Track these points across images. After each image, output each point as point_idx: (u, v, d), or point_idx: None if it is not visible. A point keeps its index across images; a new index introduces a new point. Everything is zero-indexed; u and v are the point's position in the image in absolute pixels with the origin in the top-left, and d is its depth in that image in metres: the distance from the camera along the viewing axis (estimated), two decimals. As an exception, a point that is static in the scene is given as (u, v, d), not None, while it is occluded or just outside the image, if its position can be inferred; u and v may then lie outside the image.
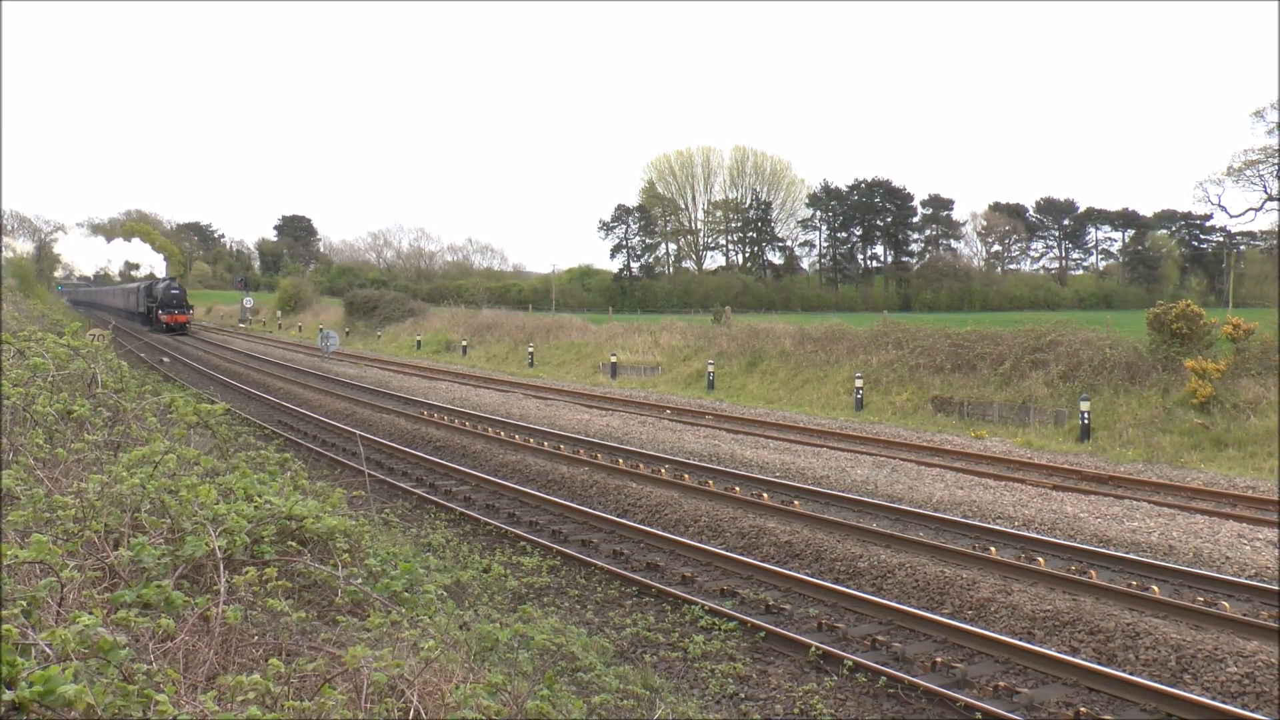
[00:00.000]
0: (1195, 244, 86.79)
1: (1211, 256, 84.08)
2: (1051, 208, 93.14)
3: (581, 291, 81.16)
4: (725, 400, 26.68)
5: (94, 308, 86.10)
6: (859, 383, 24.70)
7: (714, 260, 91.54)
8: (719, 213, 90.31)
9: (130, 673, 3.17)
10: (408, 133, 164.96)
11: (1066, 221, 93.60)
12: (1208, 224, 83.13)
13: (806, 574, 9.61)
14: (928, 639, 7.95)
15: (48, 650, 3.18)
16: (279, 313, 69.05)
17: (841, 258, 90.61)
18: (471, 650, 4.88)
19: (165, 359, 36.68)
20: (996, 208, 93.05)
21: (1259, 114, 51.25)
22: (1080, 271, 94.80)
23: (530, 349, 38.17)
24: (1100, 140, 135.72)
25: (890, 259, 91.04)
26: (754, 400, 26.65)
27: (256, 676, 3.41)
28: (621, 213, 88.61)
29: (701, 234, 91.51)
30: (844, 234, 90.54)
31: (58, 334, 10.25)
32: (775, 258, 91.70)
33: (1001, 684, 6.94)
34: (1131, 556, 10.14)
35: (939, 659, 7.36)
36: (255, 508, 5.41)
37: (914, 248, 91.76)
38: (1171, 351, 21.17)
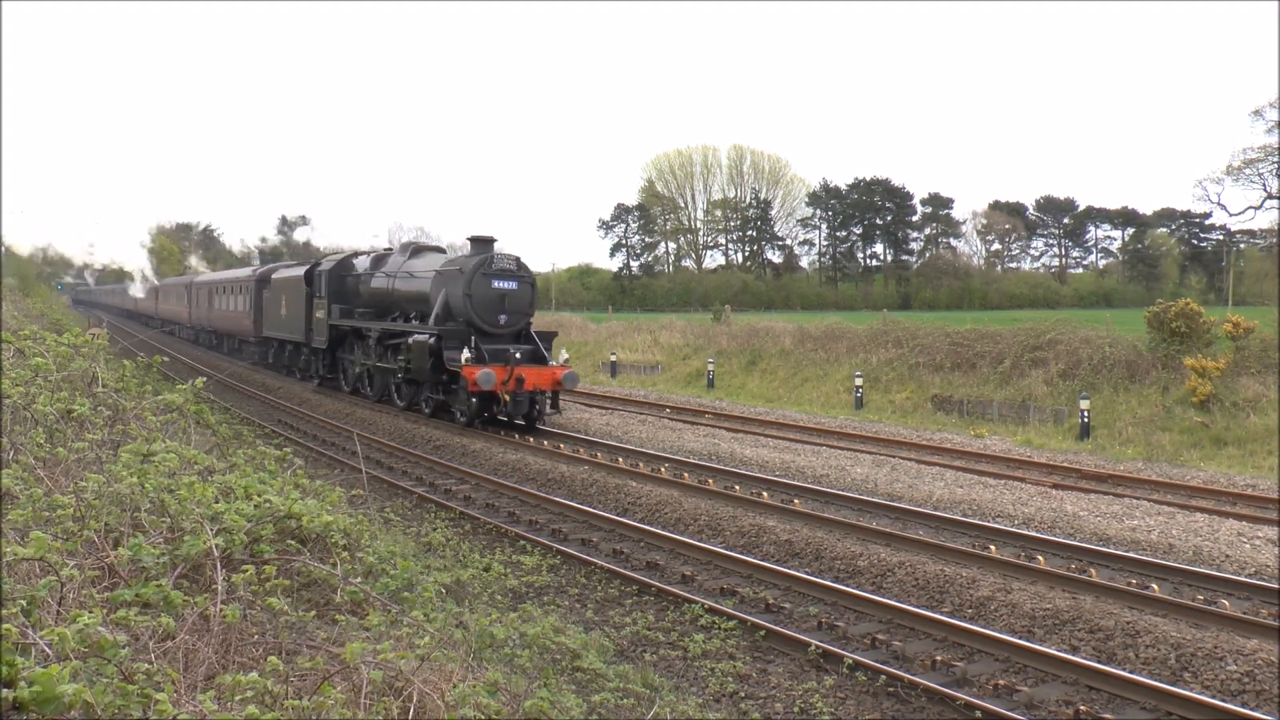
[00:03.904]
0: (1195, 242, 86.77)
1: (1211, 255, 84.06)
2: (1051, 206, 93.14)
3: (581, 290, 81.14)
4: (725, 399, 26.68)
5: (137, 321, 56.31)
6: (859, 381, 24.69)
7: (713, 259, 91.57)
8: (718, 211, 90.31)
9: (130, 672, 3.17)
10: (407, 132, 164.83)
11: (1066, 220, 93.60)
12: (1207, 222, 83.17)
13: (806, 573, 9.60)
14: (927, 637, 7.94)
15: (47, 649, 3.18)
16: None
17: (841, 256, 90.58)
18: (470, 649, 4.88)
19: (164, 358, 36.63)
20: (996, 206, 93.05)
21: (1258, 113, 51.26)
22: (1080, 270, 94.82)
23: (530, 348, 38.12)
24: (1100, 139, 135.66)
25: (890, 257, 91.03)
26: (754, 399, 26.64)
27: (255, 675, 3.41)
28: (621, 212, 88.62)
29: (701, 233, 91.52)
30: (843, 232, 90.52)
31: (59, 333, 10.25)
32: (775, 256, 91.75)
33: (1001, 682, 6.94)
34: (1131, 555, 10.14)
35: (939, 657, 7.36)
36: (255, 506, 5.42)
37: (914, 246, 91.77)
38: (1171, 350, 21.18)
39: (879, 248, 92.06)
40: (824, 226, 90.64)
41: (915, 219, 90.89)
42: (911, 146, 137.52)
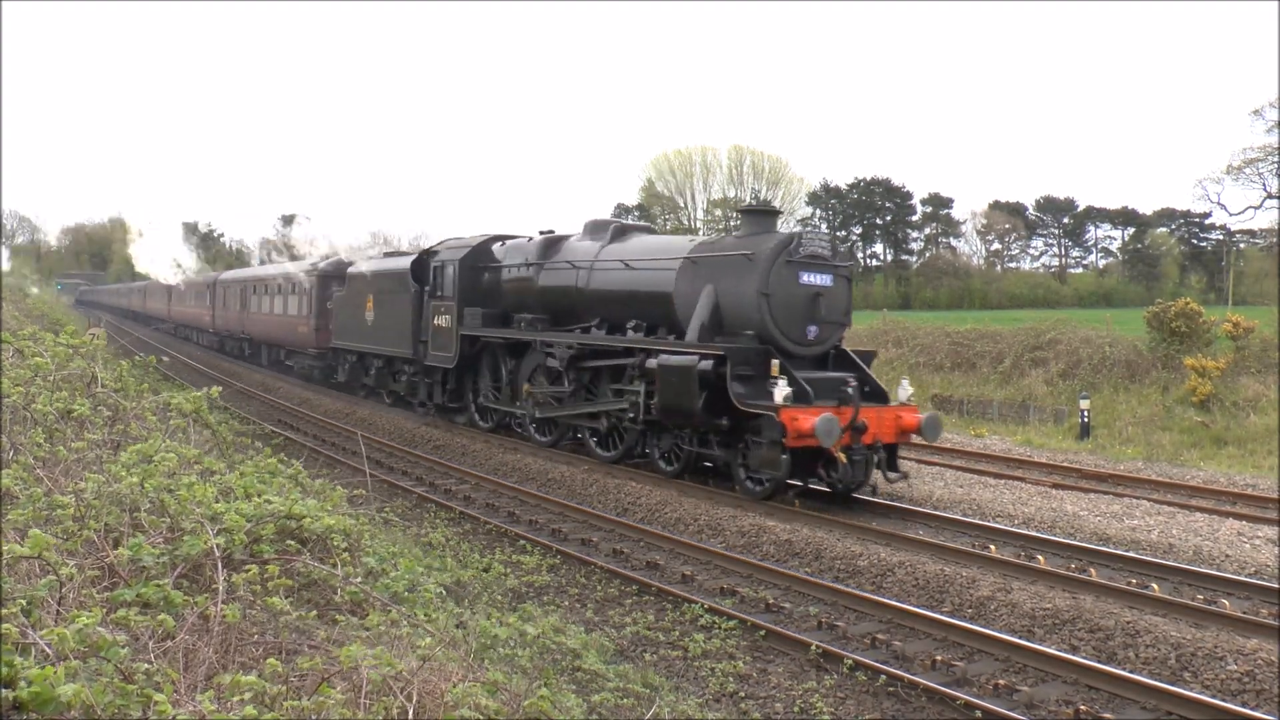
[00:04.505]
0: (1195, 242, 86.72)
1: (1211, 254, 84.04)
2: (1051, 206, 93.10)
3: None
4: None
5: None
6: (859, 381, 24.66)
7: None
8: (718, 211, 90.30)
9: (129, 672, 3.18)
10: (406, 132, 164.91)
11: (1066, 219, 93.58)
12: (1207, 222, 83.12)
13: (806, 573, 9.60)
14: (927, 637, 7.94)
15: (47, 649, 3.18)
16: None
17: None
18: (471, 649, 4.88)
19: (165, 357, 36.56)
20: (996, 206, 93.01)
21: (1258, 112, 51.13)
22: (1080, 269, 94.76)
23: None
24: (1100, 138, 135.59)
25: (890, 257, 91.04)
26: (754, 399, 26.61)
27: (254, 676, 3.41)
28: (621, 211, 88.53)
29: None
30: (843, 232, 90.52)
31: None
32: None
33: (1001, 682, 6.94)
34: (1131, 554, 10.14)
35: (939, 657, 7.36)
36: (255, 506, 5.42)
37: (914, 246, 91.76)
38: (1171, 349, 21.21)
39: (879, 247, 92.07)
40: (824, 226, 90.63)
41: (915, 219, 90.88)
42: (911, 146, 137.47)
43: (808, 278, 12.55)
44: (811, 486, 12.30)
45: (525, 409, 16.47)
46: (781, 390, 11.37)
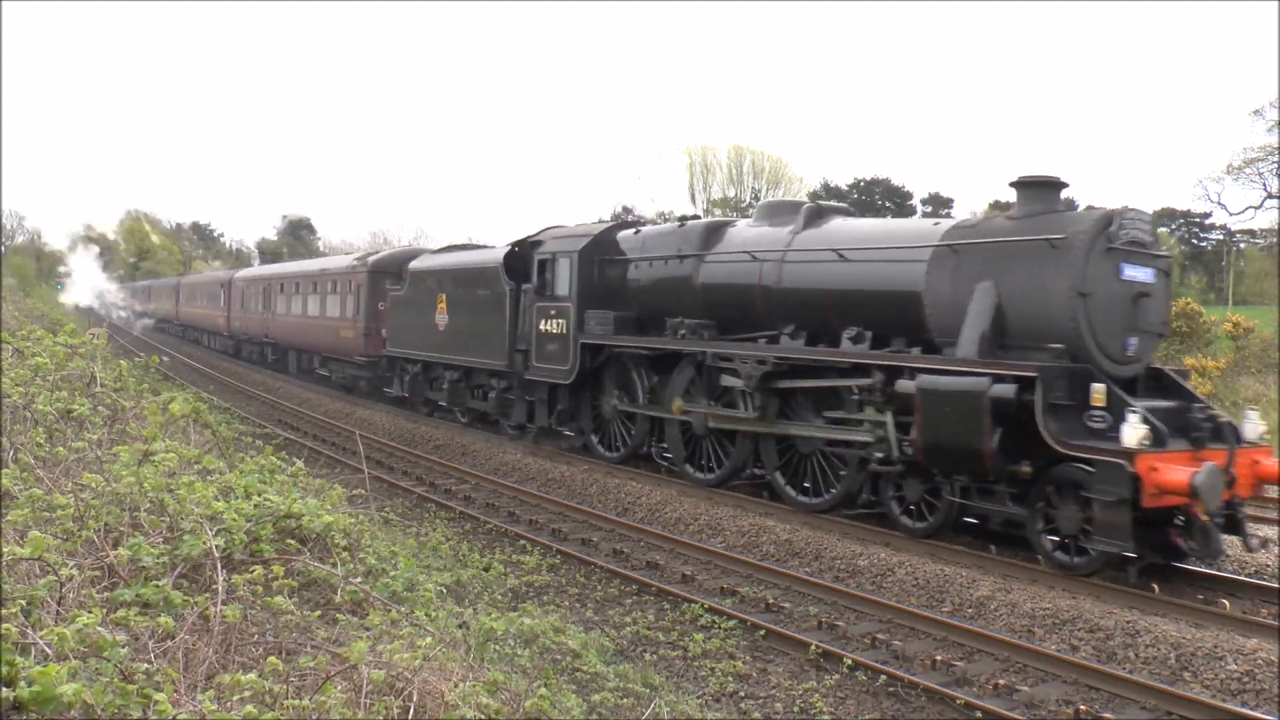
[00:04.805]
0: (1195, 242, 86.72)
1: (1211, 254, 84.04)
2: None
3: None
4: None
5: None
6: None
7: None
8: (718, 211, 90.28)
9: (129, 672, 3.18)
10: (406, 132, 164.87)
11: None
12: (1207, 222, 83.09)
13: (806, 573, 9.61)
14: (927, 637, 7.95)
15: (47, 649, 3.18)
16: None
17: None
18: (471, 648, 4.88)
19: (164, 357, 36.52)
20: (996, 206, 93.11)
21: (1258, 112, 51.09)
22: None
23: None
24: (1100, 139, 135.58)
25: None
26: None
27: (255, 676, 3.41)
28: (623, 212, 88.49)
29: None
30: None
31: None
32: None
33: (1001, 682, 6.94)
34: (1131, 554, 10.13)
35: (939, 657, 7.36)
36: (254, 506, 5.42)
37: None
38: (1171, 349, 21.20)
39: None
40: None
41: (916, 219, 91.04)
42: (911, 146, 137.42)
43: (1130, 272, 9.56)
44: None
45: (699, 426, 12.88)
46: (1137, 429, 8.41)
